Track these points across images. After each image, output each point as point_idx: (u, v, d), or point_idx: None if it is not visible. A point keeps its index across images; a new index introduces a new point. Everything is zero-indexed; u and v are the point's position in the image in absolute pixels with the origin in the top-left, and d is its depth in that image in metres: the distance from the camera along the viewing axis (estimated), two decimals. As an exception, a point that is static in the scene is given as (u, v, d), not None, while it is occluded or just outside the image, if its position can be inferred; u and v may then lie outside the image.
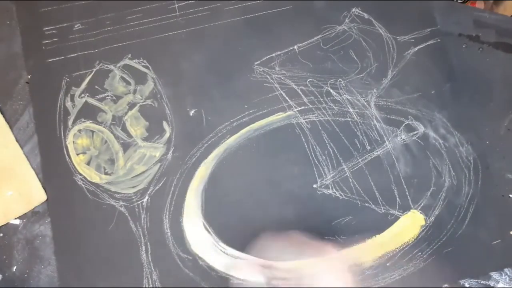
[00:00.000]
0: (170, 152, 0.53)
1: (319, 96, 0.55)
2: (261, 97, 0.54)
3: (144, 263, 0.50)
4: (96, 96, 0.54)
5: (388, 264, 0.51)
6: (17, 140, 0.52)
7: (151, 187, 0.52)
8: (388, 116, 0.55)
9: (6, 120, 0.53)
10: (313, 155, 0.53)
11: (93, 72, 0.54)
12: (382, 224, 0.52)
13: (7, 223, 0.51)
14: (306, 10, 0.57)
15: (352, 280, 0.47)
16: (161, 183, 0.52)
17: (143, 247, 0.50)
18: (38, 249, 0.50)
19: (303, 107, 0.54)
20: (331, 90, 0.55)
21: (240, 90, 0.54)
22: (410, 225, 0.52)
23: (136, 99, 0.54)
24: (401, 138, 0.54)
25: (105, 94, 0.54)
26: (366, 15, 0.57)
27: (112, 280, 0.50)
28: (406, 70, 0.56)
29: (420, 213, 0.52)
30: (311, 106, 0.54)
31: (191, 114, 0.54)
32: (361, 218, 0.52)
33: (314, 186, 0.52)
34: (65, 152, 0.52)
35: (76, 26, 0.55)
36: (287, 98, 0.54)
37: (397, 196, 0.52)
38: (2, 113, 0.53)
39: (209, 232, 0.51)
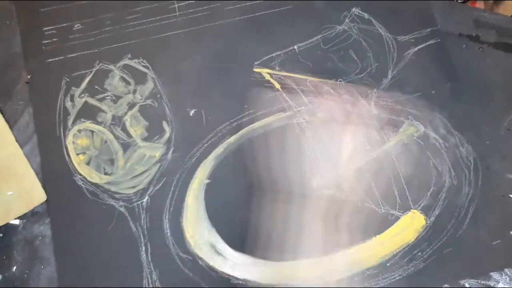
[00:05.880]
0: (170, 152, 0.53)
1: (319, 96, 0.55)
2: (261, 97, 0.54)
3: (144, 263, 0.50)
4: (96, 96, 0.54)
5: (388, 264, 0.51)
6: (17, 140, 0.52)
7: (151, 187, 0.52)
8: (388, 116, 0.54)
9: (6, 120, 0.53)
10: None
11: (93, 72, 0.54)
12: (382, 224, 0.52)
13: (7, 223, 0.51)
14: (306, 10, 0.57)
15: None
16: (161, 183, 0.52)
17: (143, 247, 0.50)
18: (38, 249, 0.50)
19: (303, 107, 0.54)
20: (331, 90, 0.55)
21: (240, 90, 0.54)
22: (410, 225, 0.52)
23: (136, 99, 0.54)
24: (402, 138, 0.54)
25: (105, 94, 0.54)
26: (366, 15, 0.57)
27: (112, 280, 0.49)
28: (406, 70, 0.56)
29: (421, 213, 0.52)
30: (311, 106, 0.54)
31: (191, 114, 0.54)
32: (361, 218, 0.52)
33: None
34: (65, 152, 0.52)
35: (76, 26, 0.55)
36: (287, 98, 0.54)
37: (397, 196, 0.52)
38: (2, 113, 0.53)
39: (209, 232, 0.51)
